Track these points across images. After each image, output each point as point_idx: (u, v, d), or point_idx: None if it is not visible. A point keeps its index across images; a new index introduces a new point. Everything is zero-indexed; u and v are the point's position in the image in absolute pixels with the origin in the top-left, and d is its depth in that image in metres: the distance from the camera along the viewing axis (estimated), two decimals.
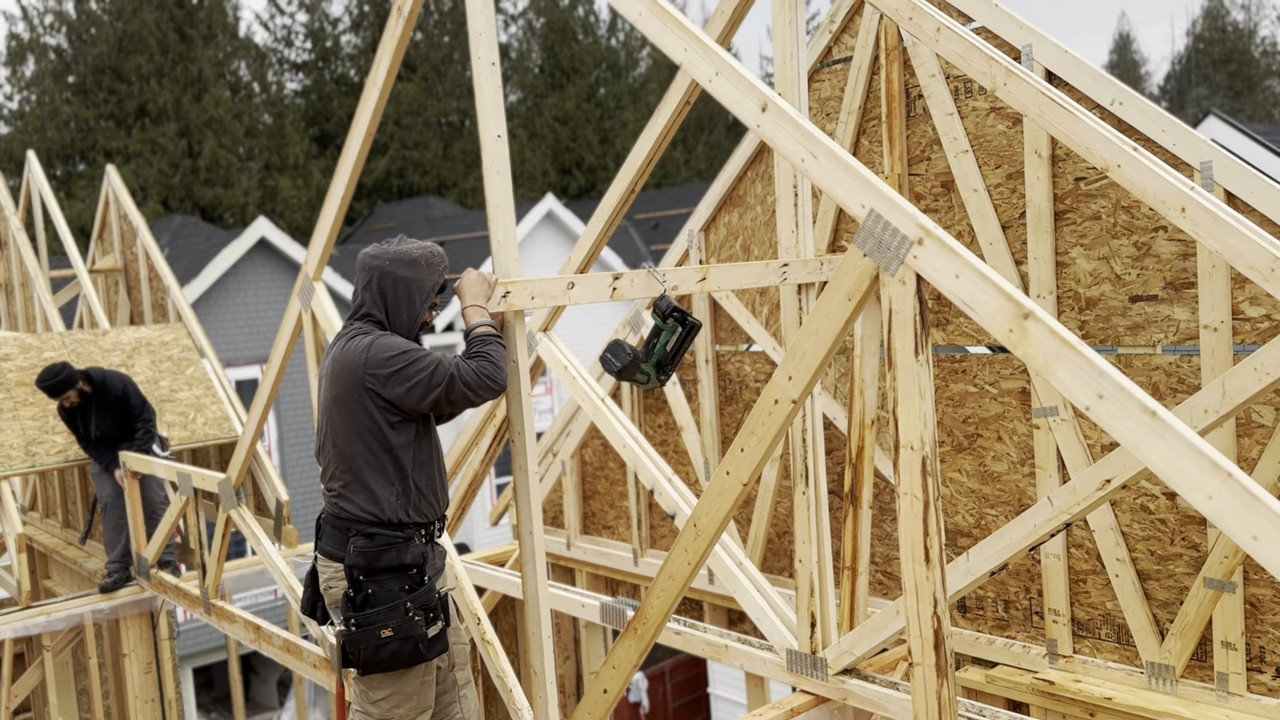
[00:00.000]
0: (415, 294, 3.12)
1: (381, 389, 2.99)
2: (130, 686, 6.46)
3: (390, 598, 3.02)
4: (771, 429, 2.71)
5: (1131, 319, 3.84)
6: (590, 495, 6.54)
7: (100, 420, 6.38)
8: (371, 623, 2.99)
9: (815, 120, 4.88)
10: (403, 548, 3.05)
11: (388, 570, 3.04)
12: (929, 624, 2.39)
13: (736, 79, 2.67)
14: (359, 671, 3.06)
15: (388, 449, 3.03)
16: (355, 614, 3.01)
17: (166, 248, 22.92)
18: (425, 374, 2.97)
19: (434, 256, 3.17)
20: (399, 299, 3.10)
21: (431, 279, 3.15)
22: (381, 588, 3.04)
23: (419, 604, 3.03)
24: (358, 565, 3.05)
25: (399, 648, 3.02)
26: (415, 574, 3.07)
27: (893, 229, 2.35)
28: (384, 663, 3.02)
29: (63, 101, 34.41)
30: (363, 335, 3.05)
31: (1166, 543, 3.82)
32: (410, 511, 3.09)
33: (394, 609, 3.00)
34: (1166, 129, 3.60)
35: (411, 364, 2.98)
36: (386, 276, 3.09)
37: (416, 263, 3.11)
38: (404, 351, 3.01)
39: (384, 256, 3.10)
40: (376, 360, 2.99)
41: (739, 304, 5.36)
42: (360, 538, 3.05)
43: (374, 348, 3.01)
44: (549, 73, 42.84)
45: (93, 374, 6.39)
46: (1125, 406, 1.99)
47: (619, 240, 25.63)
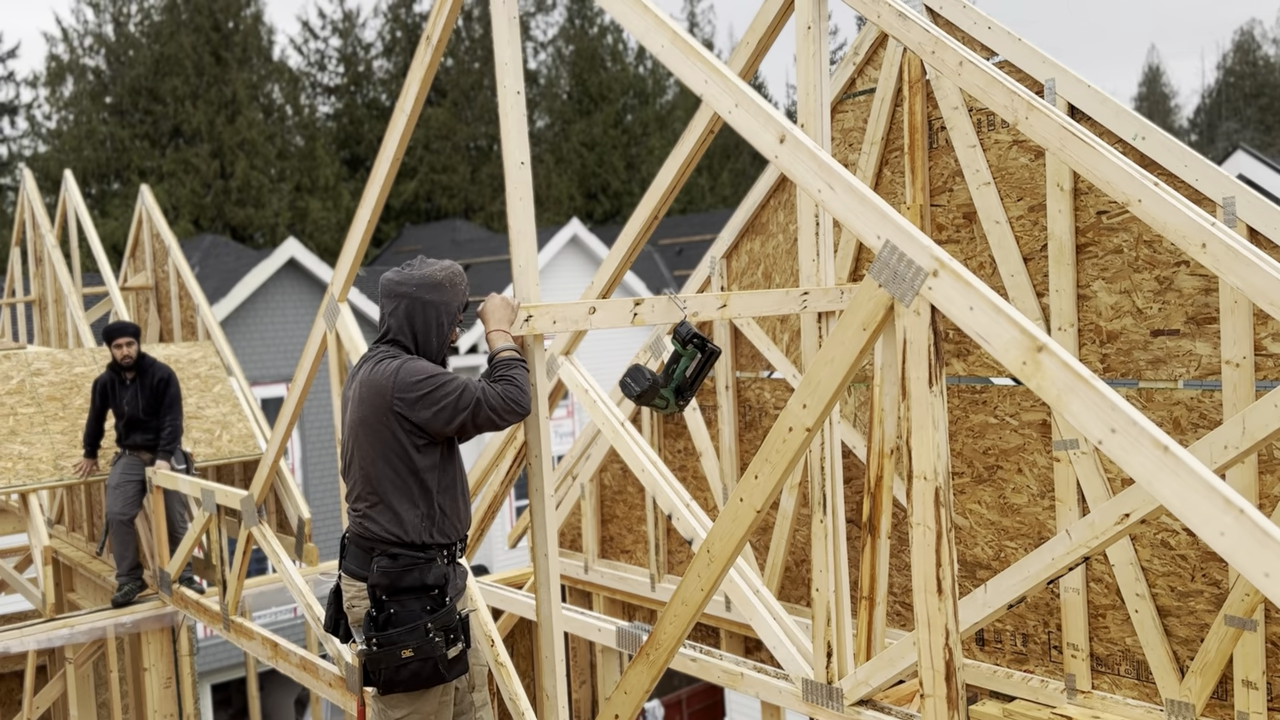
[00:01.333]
0: (443, 317, 3.17)
1: (409, 412, 3.03)
2: (150, 701, 6.51)
3: (412, 618, 3.05)
4: (786, 456, 2.72)
5: (1153, 353, 3.83)
6: (609, 519, 6.56)
7: (135, 399, 6.48)
8: (393, 642, 3.01)
9: (838, 151, 4.91)
10: (425, 568, 3.08)
11: (410, 590, 3.07)
12: (940, 656, 2.39)
13: (755, 110, 2.70)
14: (379, 691, 3.08)
15: (413, 471, 3.07)
16: (377, 633, 3.04)
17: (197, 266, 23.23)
18: (452, 398, 3.01)
19: (456, 276, 3.21)
20: (428, 324, 3.14)
21: (457, 300, 3.20)
22: (404, 608, 3.06)
23: (440, 625, 3.05)
24: (380, 585, 3.08)
25: (419, 668, 3.04)
26: (437, 595, 3.10)
27: (908, 260, 2.37)
28: (404, 683, 3.05)
29: (99, 121, 35.06)
30: (390, 359, 3.09)
31: (1187, 579, 3.79)
32: (434, 533, 3.13)
33: (415, 629, 3.03)
34: (1189, 164, 3.60)
35: (439, 388, 3.02)
36: (415, 303, 3.13)
37: (441, 286, 3.16)
38: (431, 375, 3.04)
39: (409, 282, 3.13)
40: (404, 384, 3.03)
41: (760, 331, 5.38)
42: (384, 557, 3.08)
43: (402, 371, 3.05)
44: (577, 99, 43.23)
45: (144, 356, 6.61)
46: (1138, 441, 1.99)
47: (643, 265, 25.73)
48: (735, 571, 4.43)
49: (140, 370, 6.51)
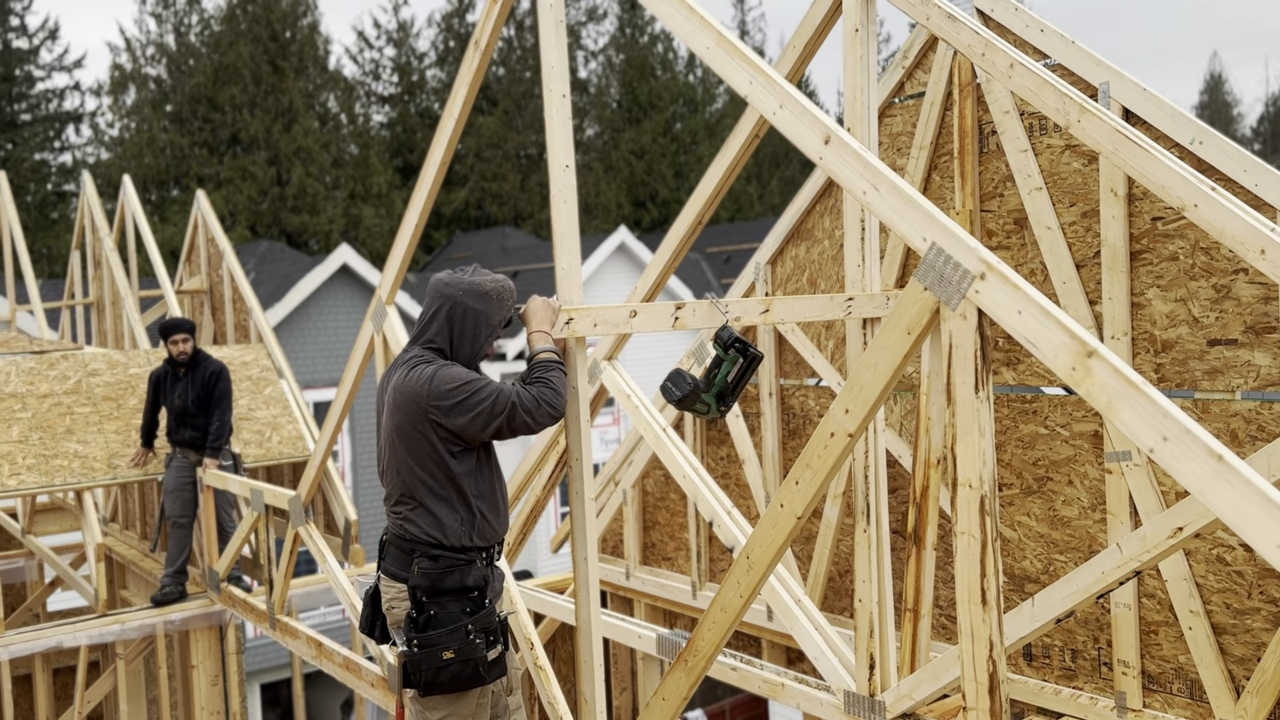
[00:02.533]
0: (483, 327, 3.16)
1: (445, 420, 3.03)
2: (197, 698, 6.60)
3: (452, 619, 3.05)
4: (827, 463, 2.69)
5: (1209, 363, 3.73)
6: (651, 525, 6.53)
7: (186, 393, 6.60)
8: (434, 644, 3.01)
9: (886, 155, 4.85)
10: (465, 570, 3.09)
11: (450, 592, 3.08)
12: (984, 668, 2.34)
13: (800, 112, 2.68)
14: (420, 692, 3.09)
15: (450, 477, 3.07)
16: (418, 635, 3.04)
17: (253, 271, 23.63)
18: (487, 404, 3.01)
19: (505, 291, 3.21)
20: (465, 330, 3.14)
21: (500, 313, 3.19)
22: (444, 609, 3.07)
23: (480, 627, 3.05)
24: (421, 586, 3.09)
25: (460, 670, 3.04)
26: (477, 596, 3.10)
27: (954, 263, 2.32)
28: (444, 684, 3.05)
29: (160, 129, 35.85)
30: (424, 364, 3.09)
31: (1244, 596, 3.67)
32: (474, 536, 3.13)
33: (456, 631, 3.03)
34: (1248, 169, 3.50)
35: (474, 394, 3.02)
36: (458, 307, 3.13)
37: (488, 296, 3.15)
38: (466, 382, 3.04)
39: (458, 286, 3.14)
40: (439, 391, 3.02)
41: (804, 338, 5.33)
42: (425, 559, 3.09)
43: (436, 379, 3.04)
44: (626, 107, 43.37)
45: (200, 351, 6.75)
46: (1191, 450, 1.93)
47: (690, 273, 25.71)
48: (777, 581, 4.39)
49: (194, 365, 6.63)
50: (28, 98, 38.51)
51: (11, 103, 37.92)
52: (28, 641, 6.05)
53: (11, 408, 6.80)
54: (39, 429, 6.75)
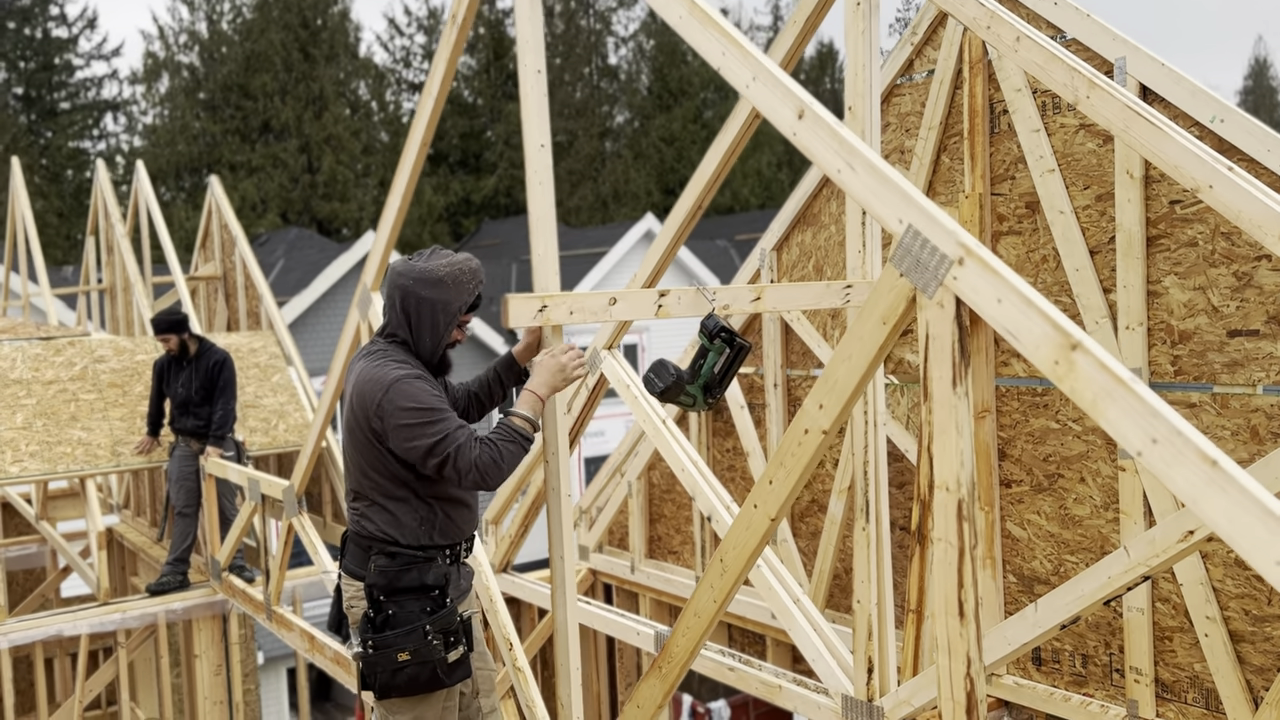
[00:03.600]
0: (439, 315, 2.94)
1: (384, 435, 2.84)
2: (200, 687, 6.55)
3: (410, 619, 2.91)
4: (801, 461, 2.51)
5: (1229, 355, 3.51)
6: (656, 518, 6.38)
7: (190, 381, 6.53)
8: (389, 645, 2.88)
9: (894, 137, 4.65)
10: (425, 568, 2.94)
11: (408, 591, 2.93)
12: (961, 686, 2.16)
13: (773, 84, 2.50)
14: (376, 695, 2.96)
15: (402, 481, 2.92)
16: (374, 635, 2.91)
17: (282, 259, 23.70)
18: (429, 441, 2.78)
19: (462, 274, 2.97)
20: (422, 321, 2.94)
21: (458, 299, 2.96)
22: (402, 609, 2.93)
23: (439, 627, 2.91)
24: (378, 585, 2.95)
25: (417, 672, 2.90)
26: (438, 595, 2.96)
27: (931, 246, 2.14)
28: (401, 687, 2.91)
29: (193, 117, 36.11)
30: (388, 363, 2.89)
31: (1263, 602, 3.46)
32: (434, 535, 2.99)
33: (413, 631, 2.89)
34: (1273, 149, 3.27)
35: (424, 424, 2.79)
36: (410, 296, 2.93)
37: (441, 283, 2.93)
38: (420, 408, 2.80)
39: (409, 275, 2.94)
40: (392, 407, 2.80)
41: (810, 327, 5.15)
42: (381, 556, 2.95)
43: (393, 391, 2.81)
44: (657, 94, 43.11)
45: (203, 340, 6.65)
46: (1182, 453, 1.74)
47: (718, 260, 25.47)
48: (775, 580, 4.23)
49: (197, 354, 6.56)
50: (66, 86, 38.97)
51: (51, 91, 38.39)
52: (28, 630, 6.01)
53: (16, 394, 6.77)
54: (43, 415, 6.72)
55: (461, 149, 41.37)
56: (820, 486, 5.34)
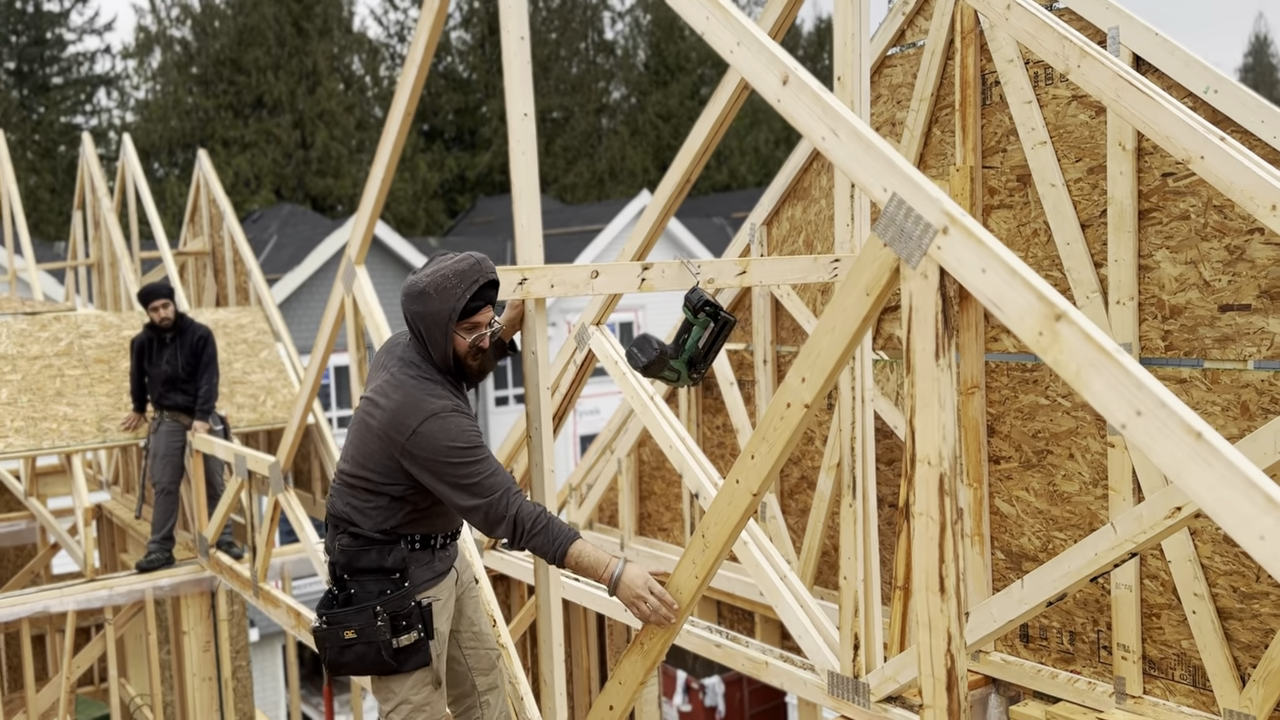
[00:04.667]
0: (432, 328, 2.83)
1: (411, 459, 2.76)
2: (189, 664, 6.54)
3: (368, 599, 2.89)
4: (783, 435, 2.47)
5: (1220, 330, 3.47)
6: (646, 495, 6.36)
7: (175, 359, 6.46)
8: (339, 621, 2.87)
9: (885, 108, 4.59)
10: (384, 550, 2.91)
11: (368, 571, 2.91)
12: (942, 663, 2.13)
13: (758, 49, 2.44)
14: (327, 669, 2.96)
15: (390, 488, 2.87)
16: (327, 611, 2.91)
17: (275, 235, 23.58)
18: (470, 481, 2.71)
19: (445, 281, 2.81)
20: (422, 335, 2.87)
21: (444, 306, 2.80)
22: (363, 589, 2.91)
23: (389, 610, 2.87)
24: (339, 563, 2.94)
25: (364, 651, 2.88)
26: (397, 578, 2.92)
27: (915, 215, 2.09)
28: (350, 664, 2.91)
29: (185, 92, 35.82)
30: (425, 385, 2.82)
31: (1251, 579, 3.43)
32: (401, 529, 2.95)
33: (362, 611, 2.87)
34: (1266, 120, 3.22)
35: (473, 464, 2.72)
36: (405, 313, 2.88)
37: (424, 295, 2.81)
38: (471, 447, 2.73)
39: (403, 290, 2.88)
40: (438, 446, 2.72)
41: (799, 303, 5.10)
42: (345, 535, 2.93)
43: (446, 426, 2.73)
44: (654, 70, 42.81)
45: (183, 315, 6.59)
46: (1166, 425, 1.70)
47: (715, 239, 25.36)
48: (763, 557, 4.19)
49: (179, 329, 6.48)
50: (59, 61, 38.62)
51: (43, 65, 38.05)
52: (14, 606, 5.99)
53: (1, 370, 6.71)
54: (29, 391, 6.67)
55: (457, 125, 41.11)
56: (810, 463, 5.31)
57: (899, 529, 4.20)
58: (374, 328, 4.37)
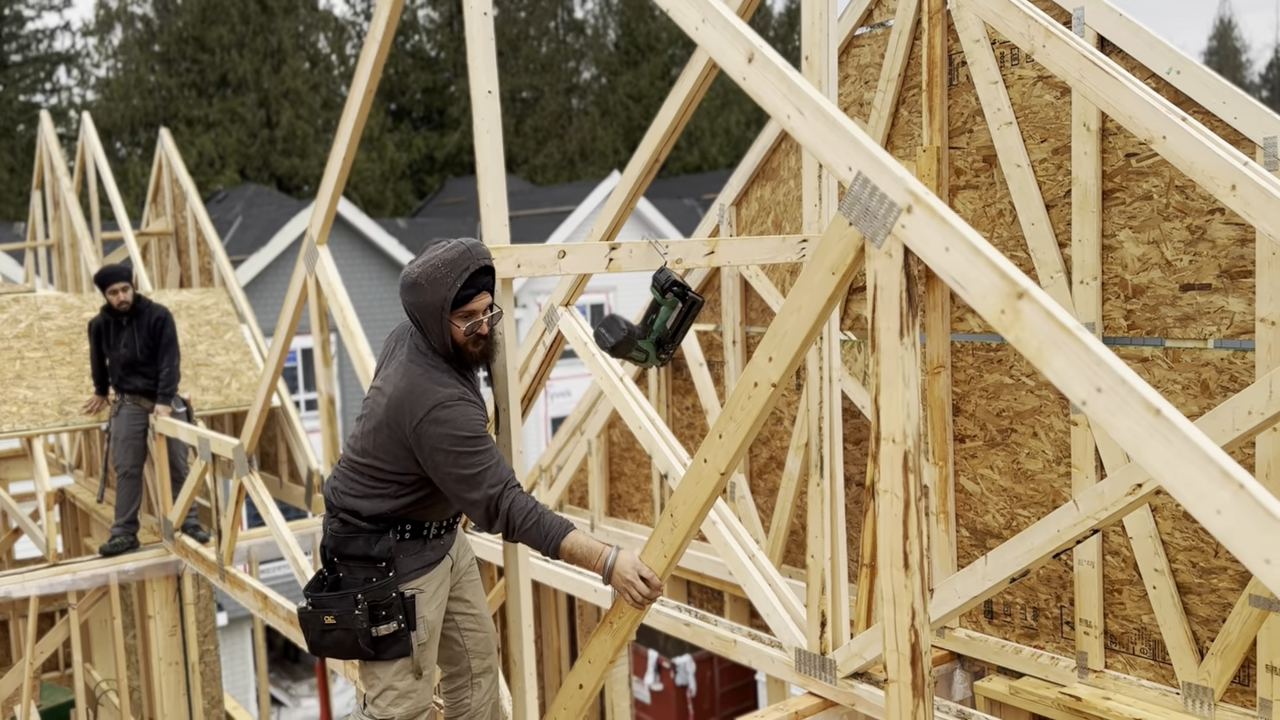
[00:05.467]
0: (427, 318, 2.84)
1: (417, 447, 2.77)
2: (155, 648, 6.48)
3: (353, 586, 2.89)
4: (751, 414, 2.48)
5: (1182, 309, 3.51)
6: (616, 476, 6.36)
7: (134, 341, 6.36)
8: (321, 605, 2.89)
9: (853, 89, 4.59)
10: (371, 539, 2.91)
11: (354, 558, 2.91)
12: (906, 637, 2.15)
13: (723, 26, 2.43)
14: (308, 649, 2.98)
15: (399, 475, 2.88)
16: (313, 594, 2.93)
17: (240, 216, 23.28)
18: (470, 472, 2.72)
19: (436, 270, 2.80)
20: (421, 325, 2.87)
21: (436, 296, 2.79)
22: (351, 574, 2.93)
23: (370, 599, 2.87)
24: (329, 547, 2.97)
25: (342, 637, 2.91)
26: (384, 567, 2.92)
27: (880, 194, 2.10)
28: (329, 648, 2.93)
29: (147, 70, 35.22)
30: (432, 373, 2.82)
31: (1210, 554, 3.49)
32: (396, 515, 2.94)
33: (344, 598, 2.88)
34: (1228, 100, 3.25)
35: (475, 455, 2.73)
36: (404, 305, 2.89)
37: (415, 286, 2.82)
38: (471, 437, 2.74)
39: (400, 282, 2.88)
40: (434, 431, 2.73)
41: (769, 283, 5.10)
42: (336, 520, 2.95)
43: (439, 414, 2.73)
44: (624, 50, 42.59)
45: (140, 297, 6.48)
46: (1126, 402, 1.72)
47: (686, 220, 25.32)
48: (730, 535, 4.21)
49: (136, 312, 6.38)
50: (17, 38, 37.85)
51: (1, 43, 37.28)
52: None
53: None
54: None
55: (425, 104, 40.73)
56: (778, 443, 5.33)
57: (866, 508, 4.24)
58: (337, 309, 4.33)
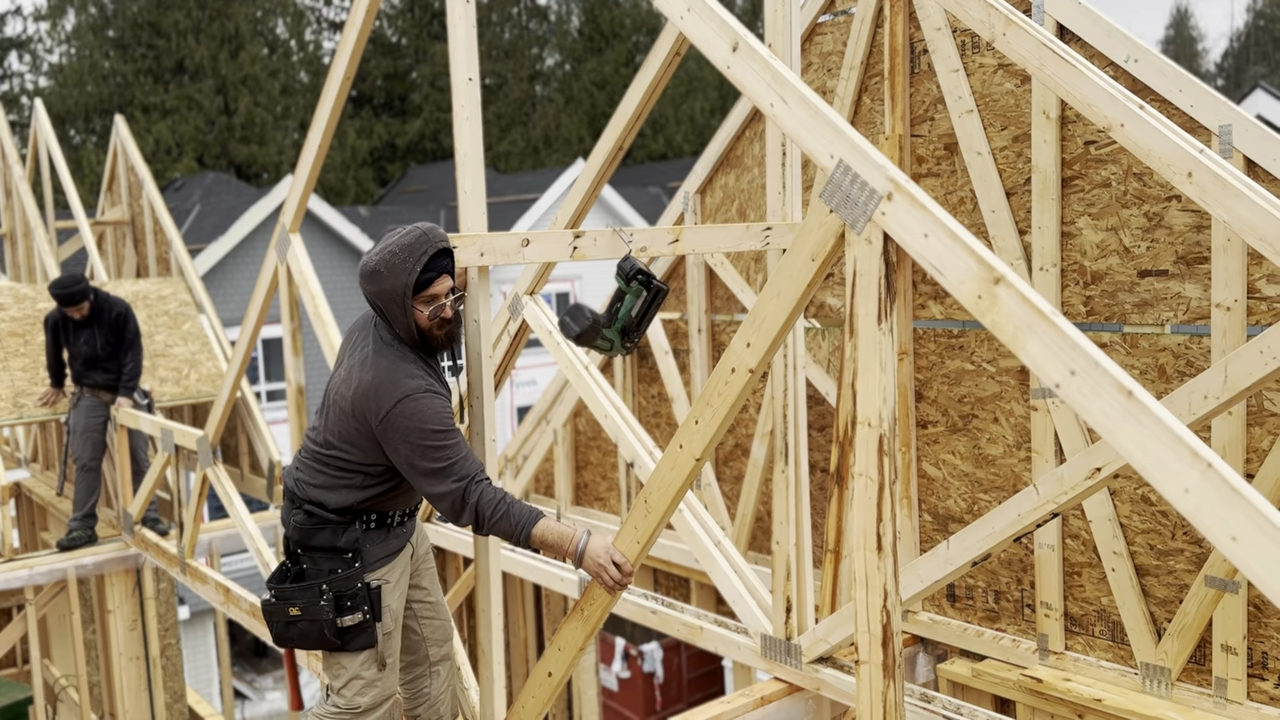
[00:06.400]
0: (390, 304, 2.81)
1: (384, 439, 2.75)
2: (115, 643, 6.40)
3: (318, 577, 2.87)
4: (728, 400, 2.49)
5: (1139, 295, 3.57)
6: (583, 465, 6.36)
7: (94, 338, 6.25)
8: (285, 597, 2.87)
9: (816, 76, 4.61)
10: (338, 530, 2.89)
11: (320, 550, 2.90)
12: (878, 619, 2.18)
13: (709, 16, 2.43)
14: (273, 640, 2.96)
15: (366, 466, 2.86)
16: (276, 586, 2.91)
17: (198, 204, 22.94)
18: (437, 465, 2.71)
19: (395, 257, 2.78)
20: (385, 313, 2.85)
21: (397, 281, 2.77)
22: (315, 565, 2.91)
23: (335, 589, 2.86)
24: (293, 539, 2.95)
25: (307, 629, 2.89)
26: (350, 558, 2.91)
27: (861, 181, 2.11)
28: (294, 639, 2.91)
29: (102, 56, 34.55)
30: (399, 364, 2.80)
31: (1167, 537, 3.56)
32: (362, 506, 2.93)
33: (309, 589, 2.86)
34: (1184, 89, 3.30)
35: (443, 447, 2.72)
36: (366, 295, 2.86)
37: (375, 274, 2.80)
38: (439, 431, 2.72)
39: (359, 273, 2.85)
40: (402, 425, 2.71)
41: (733, 271, 5.12)
42: (301, 513, 2.92)
43: (405, 407, 2.71)
44: (588, 36, 42.39)
45: (98, 292, 6.36)
46: (1099, 385, 1.75)
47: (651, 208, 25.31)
48: (696, 523, 4.23)
49: (96, 308, 6.27)
50: None
51: None
52: None
53: None
54: None
55: (386, 91, 40.31)
56: (744, 431, 5.36)
57: (830, 493, 4.27)
58: (309, 297, 4.29)
